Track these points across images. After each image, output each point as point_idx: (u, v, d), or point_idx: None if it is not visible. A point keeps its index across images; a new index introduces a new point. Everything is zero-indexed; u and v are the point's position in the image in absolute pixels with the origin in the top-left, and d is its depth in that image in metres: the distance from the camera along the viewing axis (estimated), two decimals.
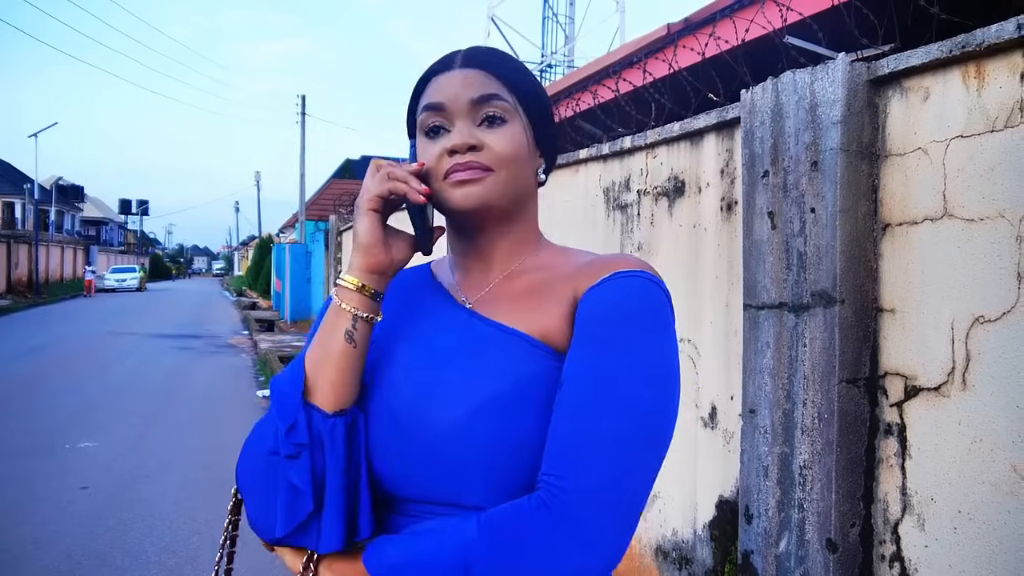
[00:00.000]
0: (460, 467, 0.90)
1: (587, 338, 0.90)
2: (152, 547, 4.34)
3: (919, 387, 2.21)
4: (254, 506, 0.94)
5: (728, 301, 3.07)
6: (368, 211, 0.96)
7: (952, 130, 2.12)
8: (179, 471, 5.84)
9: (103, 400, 8.74)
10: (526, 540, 0.82)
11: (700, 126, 3.21)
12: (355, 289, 0.96)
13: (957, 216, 2.10)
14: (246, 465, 0.95)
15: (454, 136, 0.96)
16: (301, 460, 0.89)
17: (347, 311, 0.95)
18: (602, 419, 0.85)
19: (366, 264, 0.96)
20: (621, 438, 0.85)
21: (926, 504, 2.18)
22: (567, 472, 0.83)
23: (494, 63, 1.01)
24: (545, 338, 0.94)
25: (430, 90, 1.00)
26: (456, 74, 0.99)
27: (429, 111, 0.99)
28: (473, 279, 1.05)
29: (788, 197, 2.51)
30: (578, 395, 0.87)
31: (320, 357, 0.94)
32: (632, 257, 0.99)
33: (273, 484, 0.91)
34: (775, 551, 2.55)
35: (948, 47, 2.08)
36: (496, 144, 0.97)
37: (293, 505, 0.90)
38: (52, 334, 16.48)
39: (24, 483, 5.47)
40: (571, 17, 25.52)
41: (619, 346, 0.89)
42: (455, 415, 0.90)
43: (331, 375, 0.93)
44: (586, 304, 0.93)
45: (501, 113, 0.98)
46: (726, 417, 3.08)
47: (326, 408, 0.92)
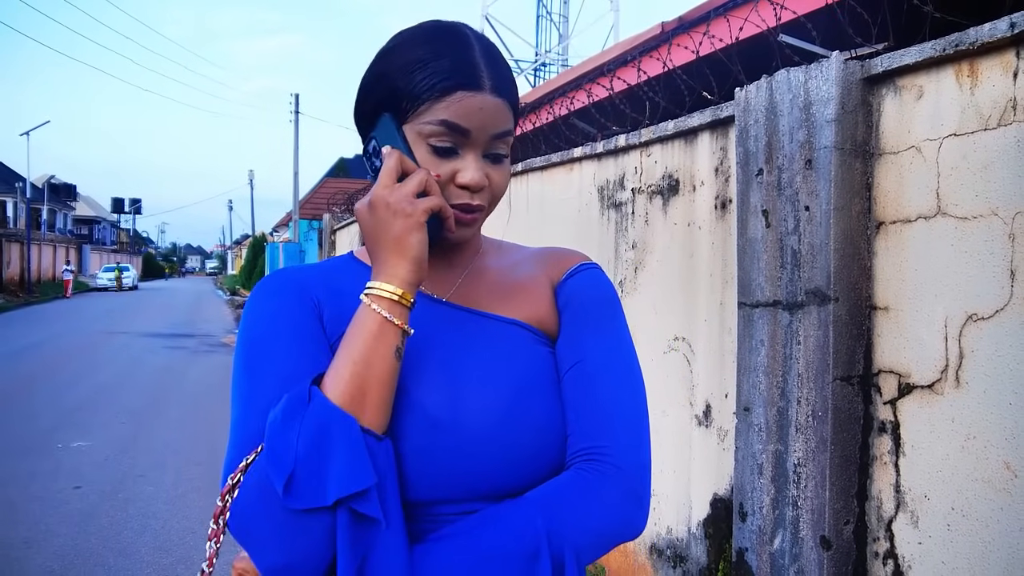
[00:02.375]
0: (499, 456, 0.90)
1: (582, 323, 1.00)
2: (145, 546, 4.33)
3: (913, 385, 2.21)
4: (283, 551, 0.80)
5: (722, 299, 3.07)
6: (423, 224, 0.88)
7: (946, 128, 2.12)
8: (172, 470, 5.82)
9: (96, 399, 8.71)
10: (596, 507, 0.88)
11: (694, 124, 3.21)
12: (402, 302, 0.88)
13: (951, 214, 2.11)
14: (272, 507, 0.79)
15: (471, 171, 0.93)
16: (372, 490, 0.80)
17: (398, 327, 0.87)
18: (620, 392, 0.96)
19: (419, 278, 0.89)
20: (636, 406, 0.96)
21: (920, 501, 2.18)
22: (610, 441, 0.92)
23: (513, 90, 0.98)
24: (539, 324, 1.01)
25: (456, 106, 0.91)
26: (487, 101, 0.93)
27: (450, 131, 0.92)
28: (434, 276, 1.03)
29: (782, 195, 2.51)
30: (596, 373, 0.96)
31: (367, 376, 0.84)
32: (576, 250, 1.10)
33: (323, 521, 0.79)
34: (769, 549, 2.55)
35: (942, 46, 2.09)
36: (498, 182, 0.98)
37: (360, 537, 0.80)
38: (44, 333, 16.42)
39: (17, 482, 5.45)
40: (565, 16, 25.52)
41: (610, 329, 1.01)
42: (495, 405, 0.91)
43: (382, 395, 0.85)
44: (569, 293, 1.03)
45: (507, 149, 0.98)
46: (720, 415, 3.08)
47: (378, 431, 0.84)
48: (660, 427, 3.43)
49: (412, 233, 0.88)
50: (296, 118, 25.95)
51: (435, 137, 0.92)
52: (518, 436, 0.91)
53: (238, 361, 0.94)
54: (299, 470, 0.79)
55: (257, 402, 0.87)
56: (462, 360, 0.95)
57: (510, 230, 4.95)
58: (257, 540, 0.81)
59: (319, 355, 0.91)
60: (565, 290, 1.03)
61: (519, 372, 0.95)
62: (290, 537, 0.80)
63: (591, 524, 0.87)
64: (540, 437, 0.92)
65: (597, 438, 0.92)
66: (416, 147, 0.93)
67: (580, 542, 0.86)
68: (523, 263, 1.07)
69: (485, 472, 0.90)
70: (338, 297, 0.98)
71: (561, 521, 0.86)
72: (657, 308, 3.53)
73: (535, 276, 1.05)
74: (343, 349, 0.86)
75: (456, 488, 0.90)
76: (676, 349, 3.38)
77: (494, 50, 0.98)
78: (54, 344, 14.32)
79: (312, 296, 0.98)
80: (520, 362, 0.96)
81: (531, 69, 25.15)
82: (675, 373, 3.37)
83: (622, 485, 0.90)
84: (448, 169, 0.93)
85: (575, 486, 0.89)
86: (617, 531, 0.89)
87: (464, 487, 0.90)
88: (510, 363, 0.95)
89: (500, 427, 0.91)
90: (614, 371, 0.97)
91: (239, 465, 0.84)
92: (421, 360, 0.94)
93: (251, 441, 0.85)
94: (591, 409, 0.94)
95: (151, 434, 7.04)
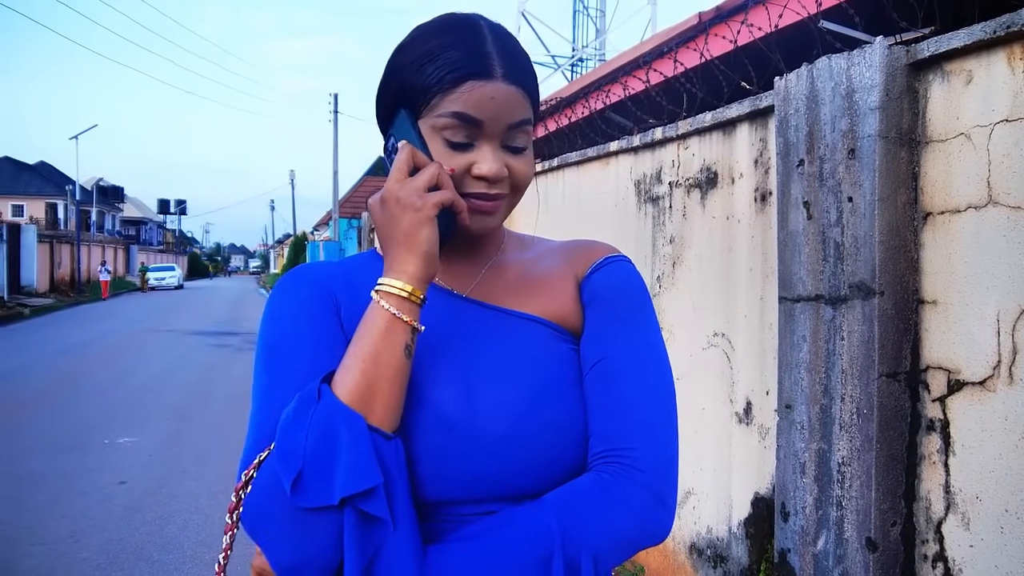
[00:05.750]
0: (517, 456, 0.87)
1: (609, 319, 0.96)
2: (188, 541, 4.39)
3: (963, 381, 2.13)
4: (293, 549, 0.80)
5: (762, 294, 3.00)
6: (431, 219, 0.87)
7: (997, 114, 2.04)
8: (215, 466, 5.90)
9: (141, 396, 8.88)
10: (615, 510, 0.84)
11: (733, 115, 3.14)
12: (412, 299, 0.87)
13: (1002, 203, 2.02)
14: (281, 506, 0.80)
15: (488, 161, 0.91)
16: (379, 489, 0.79)
17: (407, 323, 0.86)
18: (644, 392, 0.91)
19: (428, 274, 0.88)
20: (661, 406, 0.92)
21: (971, 502, 2.10)
22: (635, 442, 0.88)
23: (529, 77, 0.95)
24: (561, 321, 0.97)
25: (467, 97, 0.89)
26: (499, 89, 0.90)
27: (463, 122, 0.90)
28: (454, 272, 1.01)
29: (824, 186, 2.44)
30: (618, 373, 0.92)
31: (376, 374, 0.83)
32: (603, 242, 1.05)
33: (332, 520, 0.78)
34: (813, 550, 2.48)
35: (992, 28, 2.00)
36: (519, 171, 0.95)
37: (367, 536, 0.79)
38: (93, 331, 16.81)
39: (63, 478, 5.57)
40: (602, 10, 25.37)
41: (638, 325, 0.96)
42: (513, 404, 0.89)
43: (392, 393, 0.84)
44: (594, 288, 0.98)
45: (526, 139, 0.95)
46: (761, 413, 3.01)
47: (387, 429, 0.83)
48: (699, 425, 3.37)
49: (422, 228, 0.86)
50: (335, 117, 26.21)
51: (449, 130, 0.90)
52: (535, 436, 0.88)
53: (257, 358, 0.94)
54: (307, 468, 0.79)
55: (273, 399, 0.87)
56: (479, 358, 0.92)
57: (545, 225, 4.92)
58: (268, 537, 0.81)
59: (336, 352, 0.89)
60: (590, 285, 0.99)
61: (538, 371, 0.92)
62: (299, 535, 0.79)
63: (610, 527, 0.84)
64: (559, 438, 0.89)
65: (618, 439, 0.89)
66: (431, 141, 0.91)
67: (598, 546, 0.83)
68: (547, 257, 1.04)
69: (502, 473, 0.88)
70: (357, 293, 0.97)
71: (577, 524, 0.83)
72: (695, 304, 3.47)
73: (559, 270, 1.01)
74: (352, 346, 0.86)
75: (474, 489, 0.88)
76: (715, 345, 3.32)
77: (508, 38, 0.95)
78: (102, 342, 14.66)
79: (331, 292, 0.97)
80: (539, 360, 0.93)
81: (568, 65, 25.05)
82: (714, 370, 3.30)
83: (643, 487, 0.87)
84: (464, 161, 0.91)
85: (594, 488, 0.86)
86: (639, 534, 0.86)
87: (482, 488, 0.88)
88: (529, 361, 0.93)
89: (516, 427, 0.88)
90: (638, 369, 0.93)
91: (253, 461, 0.85)
92: (437, 357, 0.92)
93: (266, 437, 0.86)
94: (612, 409, 0.90)
95: (195, 430, 7.16)
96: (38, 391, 9.12)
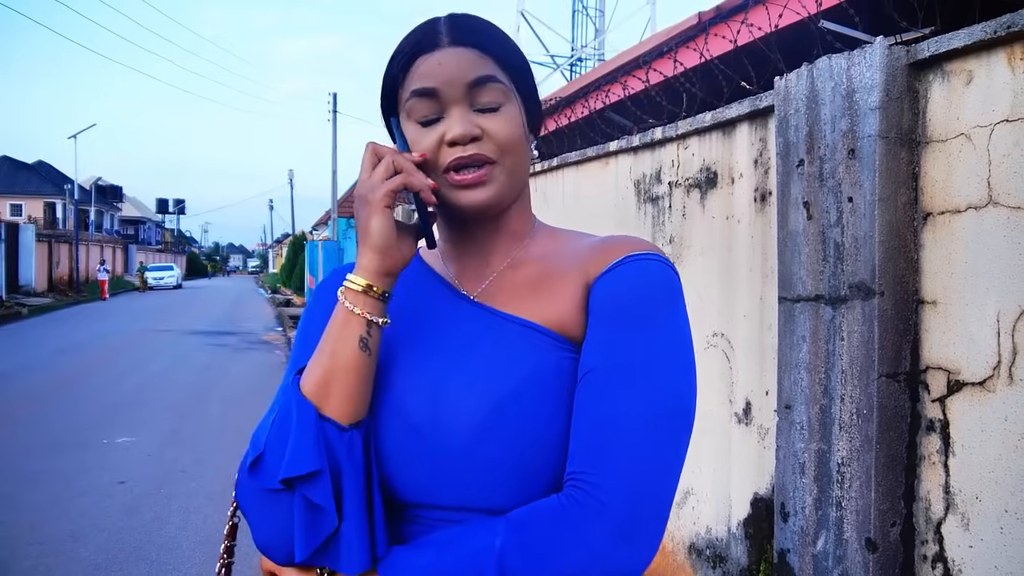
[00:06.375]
0: (480, 467, 0.84)
1: (606, 326, 0.86)
2: (187, 540, 4.39)
3: (963, 382, 2.13)
4: (263, 528, 0.86)
5: (762, 294, 3.00)
6: (384, 208, 0.87)
7: (997, 114, 2.04)
8: (213, 465, 5.90)
9: (140, 396, 8.88)
10: (564, 541, 0.77)
11: (732, 115, 3.14)
12: (366, 292, 0.87)
13: (1003, 204, 2.02)
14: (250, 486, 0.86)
15: (453, 125, 0.89)
16: (323, 477, 0.82)
17: (360, 316, 0.87)
18: (630, 409, 0.81)
19: (383, 266, 0.88)
20: (650, 427, 0.81)
21: (971, 503, 2.10)
22: (600, 467, 0.80)
23: (484, 37, 0.92)
24: (560, 328, 0.90)
25: (418, 72, 0.91)
26: (447, 54, 0.90)
27: (420, 97, 0.90)
28: (471, 270, 0.98)
29: (824, 186, 2.44)
30: (603, 386, 0.83)
31: (332, 367, 0.86)
32: (638, 238, 0.95)
33: (287, 503, 0.83)
34: (812, 550, 2.48)
35: (992, 28, 2.00)
36: (497, 131, 0.90)
37: (314, 524, 0.83)
38: (91, 331, 16.80)
39: (62, 477, 5.57)
40: (601, 10, 25.35)
41: (640, 333, 0.85)
42: (474, 413, 0.85)
43: (346, 386, 0.85)
44: (601, 291, 0.89)
45: (498, 97, 0.91)
46: (761, 413, 3.01)
47: (342, 421, 0.85)
48: (698, 425, 3.37)
49: (372, 219, 0.87)
50: (334, 117, 26.18)
51: (415, 112, 0.92)
52: (499, 449, 0.84)
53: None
54: (267, 452, 0.85)
55: (283, 385, 0.93)
56: (459, 364, 0.89)
57: None
58: (248, 516, 0.88)
59: None
60: (598, 288, 0.89)
61: (514, 380, 0.86)
62: (265, 515, 0.85)
63: (557, 559, 0.77)
64: (529, 452, 0.84)
65: (587, 463, 0.80)
66: (407, 130, 0.93)
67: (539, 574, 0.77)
68: (568, 255, 0.96)
69: (466, 483, 0.85)
70: None
71: (522, 548, 0.78)
72: (695, 304, 3.46)
73: (571, 271, 0.93)
74: (320, 341, 0.89)
75: (439, 495, 0.87)
76: (715, 345, 3.32)
77: (466, 16, 0.95)
78: (100, 342, 14.65)
79: None
80: (519, 369, 0.87)
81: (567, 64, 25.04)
82: (714, 370, 3.30)
83: (603, 521, 0.78)
84: (436, 136, 0.90)
85: (549, 514, 0.79)
86: (590, 567, 0.77)
87: (447, 495, 0.86)
88: (507, 369, 0.87)
89: (478, 438, 0.84)
90: (630, 382, 0.83)
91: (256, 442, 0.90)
92: (420, 360, 0.92)
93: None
94: (589, 428, 0.82)
95: (193, 430, 7.16)
96: (37, 391, 9.11)
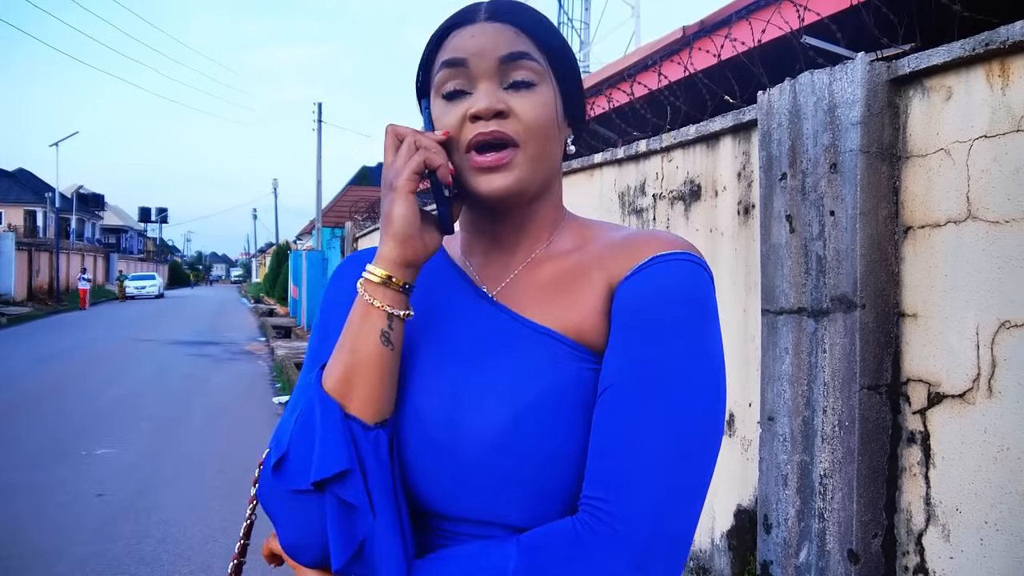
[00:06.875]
0: (496, 481, 0.80)
1: (629, 337, 0.79)
2: (166, 554, 4.33)
3: (943, 394, 2.15)
4: (290, 530, 0.83)
5: (746, 306, 3.02)
6: (408, 194, 0.82)
7: (976, 130, 2.06)
8: (194, 478, 5.83)
9: (121, 406, 8.78)
10: (577, 569, 0.74)
11: (716, 129, 3.17)
12: (386, 284, 0.83)
13: (981, 218, 2.05)
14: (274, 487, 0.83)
15: (479, 99, 0.84)
16: (354, 476, 0.79)
17: (380, 309, 0.82)
18: (651, 430, 0.76)
19: (403, 257, 0.83)
20: (672, 450, 0.76)
21: (951, 514, 2.12)
22: (616, 492, 0.75)
23: (524, 17, 0.88)
24: (579, 337, 0.83)
25: (450, 45, 0.87)
26: (482, 28, 0.86)
27: (449, 68, 0.86)
28: (494, 265, 0.93)
29: (807, 200, 2.46)
30: (623, 404, 0.77)
31: (353, 363, 0.82)
32: (668, 234, 0.87)
33: (316, 505, 0.80)
34: (795, 562, 2.49)
35: (971, 45, 2.03)
36: (525, 112, 0.84)
37: (349, 524, 0.79)
38: (72, 341, 16.62)
39: (41, 489, 5.48)
40: (586, 23, 25.50)
41: (665, 345, 0.78)
42: (492, 424, 0.80)
43: (369, 383, 0.81)
44: (624, 296, 0.82)
45: (531, 76, 0.85)
46: (744, 425, 3.02)
47: (367, 420, 0.81)
48: None
49: (394, 206, 0.83)
50: (319, 127, 26.14)
51: (444, 85, 0.87)
52: (515, 463, 0.80)
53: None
54: (291, 452, 0.82)
55: (303, 382, 0.90)
56: (476, 370, 0.84)
57: None
58: (273, 516, 0.84)
59: None
60: (621, 292, 0.82)
61: (533, 393, 0.81)
62: (294, 516, 0.82)
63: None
64: (547, 468, 0.80)
65: (603, 488, 0.76)
66: (434, 107, 0.89)
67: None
68: (593, 253, 0.88)
69: (483, 495, 0.82)
70: None
71: (535, 573, 0.74)
72: None
73: (592, 273, 0.86)
74: (340, 336, 0.85)
75: (460, 506, 0.83)
76: None
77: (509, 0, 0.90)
78: (81, 351, 14.49)
79: None
80: (539, 382, 0.81)
81: None
82: None
83: (618, 550, 0.73)
84: (460, 112, 0.85)
85: (563, 539, 0.75)
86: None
87: (467, 507, 0.83)
88: (526, 381, 0.81)
89: (493, 452, 0.80)
90: (653, 402, 0.76)
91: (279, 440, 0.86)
92: (440, 364, 0.87)
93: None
94: (606, 450, 0.77)
95: (174, 442, 7.08)
96: (15, 401, 8.99)
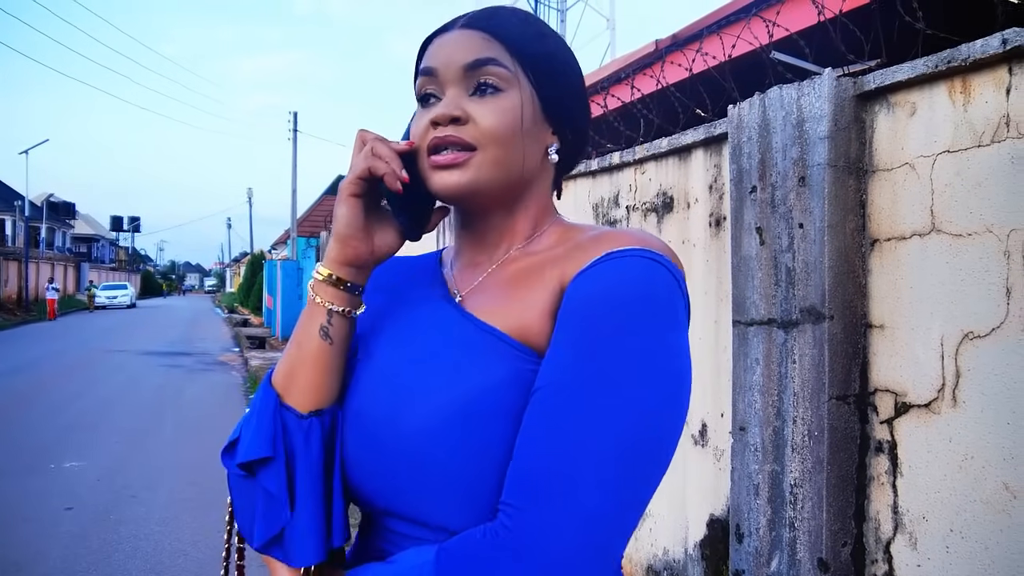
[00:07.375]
0: (429, 478, 0.79)
1: (565, 336, 0.77)
2: (136, 568, 4.27)
3: (909, 404, 2.18)
4: (237, 510, 0.91)
5: (717, 317, 3.05)
6: (349, 196, 0.86)
7: (939, 145, 2.11)
8: (165, 490, 5.76)
9: (91, 418, 8.64)
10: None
11: (688, 142, 3.20)
12: (328, 282, 0.88)
13: (945, 231, 2.09)
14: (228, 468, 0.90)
15: (439, 106, 0.86)
16: (276, 465, 0.84)
17: (321, 305, 0.88)
18: (575, 437, 0.72)
19: (342, 256, 0.87)
20: (598, 459, 0.71)
21: (918, 522, 2.15)
22: (530, 501, 0.71)
23: (499, 23, 0.88)
24: (523, 337, 0.81)
25: (427, 53, 0.90)
26: (454, 36, 0.88)
27: (423, 76, 0.89)
28: (471, 267, 0.94)
29: (776, 213, 2.50)
30: (549, 408, 0.74)
31: (296, 355, 0.88)
32: (637, 232, 0.84)
33: (251, 490, 0.87)
34: (767, 571, 2.51)
35: (934, 62, 2.08)
36: (483, 117, 0.84)
37: (268, 513, 0.85)
38: (41, 351, 16.36)
39: (7, 503, 5.38)
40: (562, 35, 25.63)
41: (603, 346, 0.74)
42: (423, 422, 0.80)
43: (307, 374, 0.87)
44: (569, 295, 0.79)
45: (495, 81, 0.85)
46: (716, 435, 3.05)
47: (301, 409, 0.86)
48: None
49: (336, 209, 0.88)
50: (295, 136, 26.02)
51: (419, 92, 0.91)
52: (446, 460, 0.79)
53: None
54: (241, 438, 0.88)
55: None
56: (417, 369, 0.85)
57: None
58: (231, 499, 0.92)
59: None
60: (569, 288, 0.80)
61: (472, 390, 0.79)
62: (237, 500, 0.90)
63: None
64: (476, 467, 0.78)
65: (516, 493, 0.73)
66: (416, 114, 0.92)
67: None
68: (554, 252, 0.88)
69: (417, 493, 0.81)
70: (384, 292, 0.98)
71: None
72: None
73: (547, 272, 0.85)
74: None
75: (389, 501, 0.84)
76: None
77: (497, 7, 0.93)
78: (50, 362, 14.26)
79: (371, 287, 0.97)
80: (473, 378, 0.80)
81: None
82: None
83: (526, 564, 0.70)
84: (427, 119, 0.87)
85: (474, 548, 0.73)
86: None
87: (404, 505, 0.83)
88: (466, 379, 0.80)
89: (427, 448, 0.79)
90: (583, 406, 0.73)
91: None
92: (387, 363, 0.88)
93: None
94: (526, 454, 0.74)
95: (145, 454, 6.98)
96: None
